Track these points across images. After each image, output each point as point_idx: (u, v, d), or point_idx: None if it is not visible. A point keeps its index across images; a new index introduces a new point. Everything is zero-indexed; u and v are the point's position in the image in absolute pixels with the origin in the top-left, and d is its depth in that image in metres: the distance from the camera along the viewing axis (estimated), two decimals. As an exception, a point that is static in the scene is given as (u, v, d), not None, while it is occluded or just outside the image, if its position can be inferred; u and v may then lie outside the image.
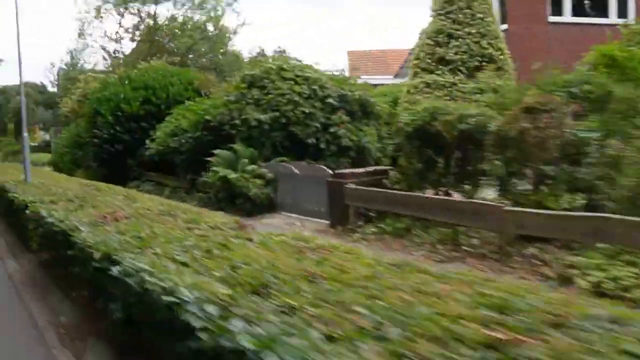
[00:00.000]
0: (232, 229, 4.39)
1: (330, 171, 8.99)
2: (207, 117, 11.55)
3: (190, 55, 23.81)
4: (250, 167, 10.33)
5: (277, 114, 10.87)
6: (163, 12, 33.58)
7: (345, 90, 11.54)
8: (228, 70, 22.23)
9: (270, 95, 11.10)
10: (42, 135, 49.71)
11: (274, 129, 10.96)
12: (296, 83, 11.23)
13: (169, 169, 14.28)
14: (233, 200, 10.53)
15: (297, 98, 10.97)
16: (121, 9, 24.58)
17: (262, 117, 10.85)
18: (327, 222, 8.77)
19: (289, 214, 9.93)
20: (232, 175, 10.29)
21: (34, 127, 49.23)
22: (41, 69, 55.78)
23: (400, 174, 8.19)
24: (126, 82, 16.63)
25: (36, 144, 50.47)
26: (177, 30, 23.13)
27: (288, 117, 10.90)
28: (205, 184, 11.57)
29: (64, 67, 37.99)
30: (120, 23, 26.61)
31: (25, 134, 11.54)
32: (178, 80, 16.29)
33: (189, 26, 23.39)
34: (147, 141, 14.94)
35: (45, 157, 33.60)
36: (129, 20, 27.23)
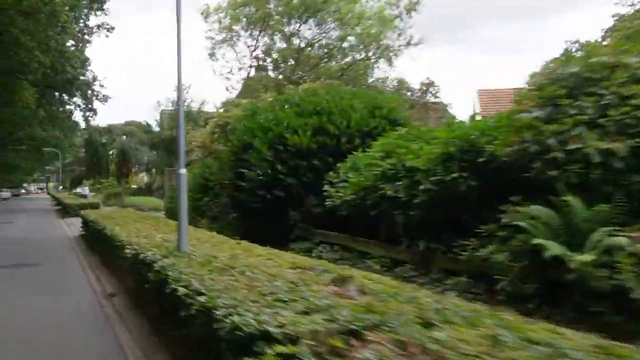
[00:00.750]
0: None
1: None
2: (488, 148, 6.69)
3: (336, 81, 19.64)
4: (620, 242, 5.29)
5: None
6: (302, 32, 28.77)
7: None
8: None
9: (619, 109, 6.13)
10: (142, 177, 47.73)
11: (634, 168, 5.94)
12: (659, 88, 6.23)
13: (361, 228, 9.60)
14: (560, 299, 5.53)
15: (675, 113, 5.94)
16: (258, 29, 20.94)
17: (614, 146, 5.87)
18: None
19: None
20: (579, 257, 5.29)
21: (130, 167, 47.39)
22: (146, 108, 54.59)
23: None
24: (285, 106, 12.37)
25: (135, 186, 48.66)
26: (330, 50, 19.09)
27: (660, 148, 5.86)
28: (472, 262, 6.68)
29: (169, 105, 35.66)
30: (255, 45, 23.16)
31: (183, 171, 7.19)
32: (360, 104, 11.81)
33: (339, 46, 19.33)
34: (326, 187, 10.46)
35: (150, 201, 30.39)
36: (262, 43, 23.97)
